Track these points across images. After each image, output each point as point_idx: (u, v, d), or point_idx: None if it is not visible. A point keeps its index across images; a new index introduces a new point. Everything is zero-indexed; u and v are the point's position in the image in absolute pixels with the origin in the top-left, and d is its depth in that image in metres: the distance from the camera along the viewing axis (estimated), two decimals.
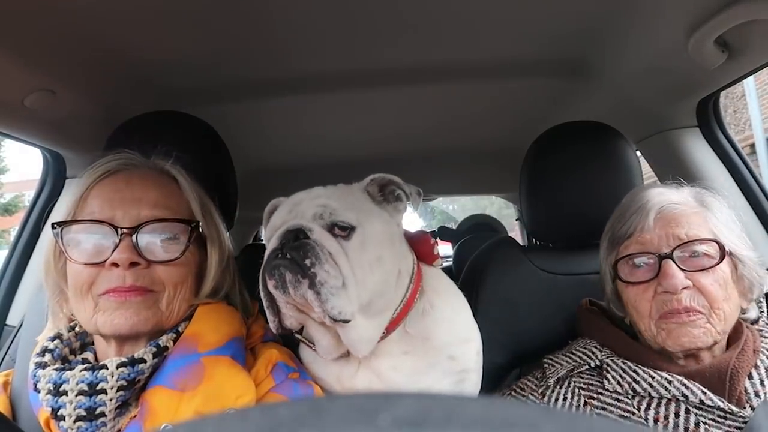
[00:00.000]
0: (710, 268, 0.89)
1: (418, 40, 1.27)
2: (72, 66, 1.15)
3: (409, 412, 0.19)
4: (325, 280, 0.76)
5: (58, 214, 0.82)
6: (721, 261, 0.90)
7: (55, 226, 0.80)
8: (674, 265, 0.89)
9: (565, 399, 0.98)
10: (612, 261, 0.99)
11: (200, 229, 0.85)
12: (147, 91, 1.37)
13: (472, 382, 0.93)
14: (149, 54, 1.22)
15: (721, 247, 0.91)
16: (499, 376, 1.20)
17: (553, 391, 1.00)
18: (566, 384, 1.00)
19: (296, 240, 0.78)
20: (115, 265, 0.76)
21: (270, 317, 0.82)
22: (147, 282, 0.78)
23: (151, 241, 0.79)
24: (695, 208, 0.95)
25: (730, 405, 0.84)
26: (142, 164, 0.88)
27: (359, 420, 0.18)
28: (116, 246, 0.76)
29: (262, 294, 0.81)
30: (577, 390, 0.98)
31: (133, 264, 0.76)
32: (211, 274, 0.86)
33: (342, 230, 0.81)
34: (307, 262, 0.76)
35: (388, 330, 0.86)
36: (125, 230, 0.77)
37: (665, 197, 0.96)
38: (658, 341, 0.91)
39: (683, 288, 0.88)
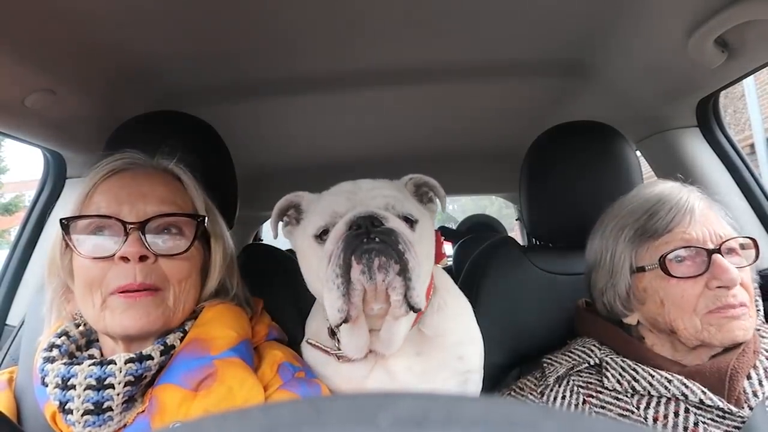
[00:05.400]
0: (746, 266, 0.91)
1: (419, 40, 1.27)
2: (72, 66, 1.15)
3: (409, 412, 0.19)
4: (414, 266, 0.73)
5: (63, 212, 0.84)
6: (757, 257, 0.92)
7: (63, 221, 0.81)
8: (725, 260, 0.89)
9: (564, 397, 0.98)
10: (643, 255, 0.95)
11: (205, 225, 0.86)
12: (147, 92, 1.37)
13: (475, 383, 0.93)
14: (149, 54, 1.22)
15: (756, 244, 0.93)
16: (498, 375, 1.20)
17: (552, 390, 1.00)
18: (565, 382, 0.99)
19: (373, 227, 0.74)
20: (125, 259, 0.77)
21: (342, 306, 0.74)
22: (155, 279, 0.78)
23: (158, 235, 0.80)
24: (710, 206, 0.96)
25: (729, 405, 0.84)
26: (146, 163, 0.90)
27: (359, 420, 0.18)
28: (125, 240, 0.77)
29: (338, 281, 0.73)
30: (576, 388, 0.98)
31: (142, 258, 0.77)
32: (216, 271, 0.87)
33: (407, 222, 0.80)
34: (401, 247, 0.73)
35: None
36: (132, 225, 0.78)
37: (696, 194, 0.97)
38: (701, 336, 0.89)
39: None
